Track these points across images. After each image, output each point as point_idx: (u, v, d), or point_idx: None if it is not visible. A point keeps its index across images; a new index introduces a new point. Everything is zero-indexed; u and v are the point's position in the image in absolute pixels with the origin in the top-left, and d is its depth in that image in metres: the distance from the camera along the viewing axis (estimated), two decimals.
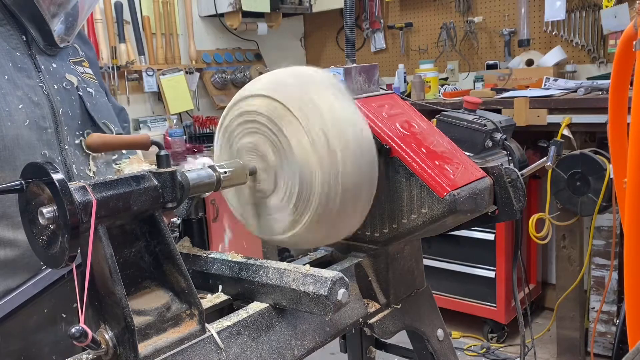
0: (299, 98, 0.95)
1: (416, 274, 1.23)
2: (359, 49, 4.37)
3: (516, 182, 1.13)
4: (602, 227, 2.86)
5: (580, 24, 3.43)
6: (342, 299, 0.89)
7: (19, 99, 1.16)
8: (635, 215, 1.30)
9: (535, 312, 3.64)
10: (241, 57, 4.21)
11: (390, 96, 1.20)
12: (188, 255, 1.09)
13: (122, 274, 0.79)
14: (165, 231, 0.85)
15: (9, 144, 1.13)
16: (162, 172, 0.85)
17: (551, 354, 3.12)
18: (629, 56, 1.37)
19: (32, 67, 1.21)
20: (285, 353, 0.95)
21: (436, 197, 1.02)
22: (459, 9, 3.88)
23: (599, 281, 2.93)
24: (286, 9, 4.10)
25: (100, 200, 0.76)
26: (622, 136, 1.47)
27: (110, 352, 0.80)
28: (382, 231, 1.12)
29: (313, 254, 1.21)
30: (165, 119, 3.74)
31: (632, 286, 1.34)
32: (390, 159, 1.07)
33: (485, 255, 3.24)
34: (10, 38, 1.20)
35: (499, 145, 2.51)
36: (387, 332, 1.14)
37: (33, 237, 0.78)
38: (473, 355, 3.23)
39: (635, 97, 1.29)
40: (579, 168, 2.70)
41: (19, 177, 0.77)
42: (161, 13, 3.72)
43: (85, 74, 1.34)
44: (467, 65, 3.90)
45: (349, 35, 1.21)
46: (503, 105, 2.95)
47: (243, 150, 1.02)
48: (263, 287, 0.96)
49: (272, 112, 0.96)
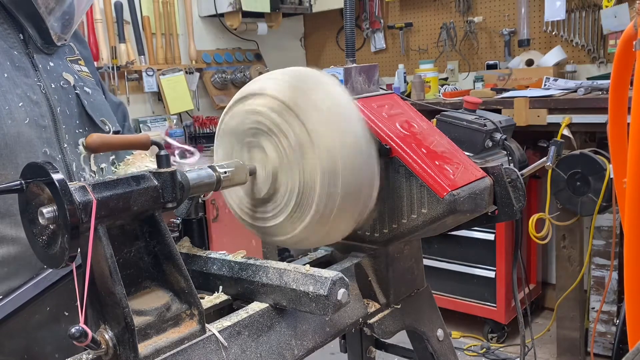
0: (300, 98, 0.95)
1: (416, 274, 1.23)
2: (359, 49, 4.37)
3: (516, 182, 1.13)
4: (602, 227, 2.86)
5: (580, 24, 3.43)
6: (342, 299, 0.89)
7: (18, 97, 1.16)
8: (635, 215, 1.30)
9: (535, 312, 3.64)
10: (241, 57, 4.21)
11: (390, 96, 1.20)
12: (188, 255, 1.09)
13: (122, 274, 0.79)
14: (165, 231, 0.85)
15: (10, 142, 1.13)
16: (162, 172, 0.85)
17: (551, 354, 3.12)
18: (629, 56, 1.37)
19: (30, 66, 1.21)
20: (285, 353, 0.95)
21: (436, 197, 1.02)
22: (459, 9, 3.88)
23: (599, 281, 2.93)
24: (286, 9, 4.10)
25: (100, 200, 0.76)
26: (622, 136, 1.47)
27: (110, 352, 0.80)
28: (382, 231, 1.12)
29: (313, 254, 1.21)
30: (165, 119, 3.74)
31: (632, 286, 1.34)
32: (390, 159, 1.07)
33: (485, 255, 3.24)
34: (8, 37, 1.20)
35: (499, 145, 2.51)
36: (387, 332, 1.14)
37: (33, 237, 0.78)
38: (473, 355, 3.22)
39: (635, 97, 1.29)
40: (579, 168, 2.69)
41: (19, 177, 0.77)
42: (161, 13, 3.72)
43: (82, 72, 1.35)
44: (467, 65, 3.90)
45: (349, 35, 1.21)
46: (503, 105, 2.95)
47: (244, 149, 1.03)
48: (263, 287, 0.96)
49: (273, 112, 0.96)
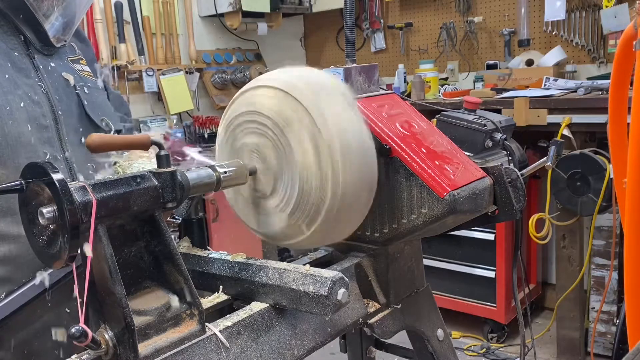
0: (304, 101, 0.95)
1: (416, 274, 1.23)
2: (359, 49, 4.36)
3: (516, 182, 1.13)
4: (602, 227, 2.85)
5: (580, 24, 3.43)
6: (342, 299, 0.89)
7: (19, 97, 1.16)
8: (635, 215, 1.30)
9: (535, 312, 3.63)
10: (241, 57, 4.21)
11: (390, 96, 1.20)
12: (188, 255, 1.09)
13: (122, 274, 0.79)
14: (165, 231, 0.85)
15: (12, 142, 1.13)
16: (162, 172, 0.85)
17: (551, 354, 3.12)
18: (629, 56, 1.37)
19: (31, 67, 1.22)
20: (285, 353, 0.95)
21: (436, 197, 1.02)
22: (459, 9, 3.88)
23: (599, 281, 2.93)
24: (286, 9, 4.10)
25: (100, 200, 0.76)
26: (622, 136, 1.47)
27: (110, 352, 0.80)
28: (382, 231, 1.12)
29: (313, 254, 1.21)
30: (165, 119, 3.74)
31: (632, 286, 1.34)
32: (390, 159, 1.07)
33: (485, 255, 3.24)
34: (8, 39, 1.20)
35: (499, 145, 2.50)
36: (387, 332, 1.14)
37: (33, 237, 0.78)
38: (473, 355, 3.22)
39: (635, 97, 1.29)
40: (579, 168, 2.69)
41: (20, 177, 0.77)
42: (161, 13, 3.72)
43: (83, 72, 1.35)
44: (467, 65, 3.90)
45: (349, 35, 1.21)
46: (503, 105, 2.95)
47: (244, 149, 1.02)
48: (263, 287, 0.96)
49: (276, 113, 0.96)
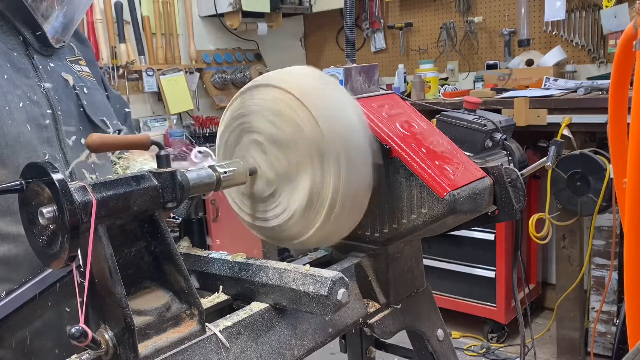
0: (304, 100, 0.95)
1: (416, 274, 1.23)
2: (359, 49, 4.36)
3: (516, 182, 1.13)
4: (602, 227, 2.85)
5: (580, 24, 3.43)
6: (342, 299, 0.89)
7: (18, 97, 1.16)
8: (635, 215, 1.30)
9: (535, 312, 3.63)
10: (241, 57, 4.21)
11: (390, 96, 1.20)
12: (188, 255, 1.09)
13: (122, 274, 0.79)
14: (165, 231, 0.85)
15: (11, 142, 1.13)
16: (162, 172, 0.85)
17: (551, 354, 3.12)
18: (629, 56, 1.37)
19: (30, 67, 1.22)
20: (285, 353, 0.95)
21: (436, 197, 1.02)
22: (459, 9, 3.88)
23: (599, 281, 2.93)
24: (286, 9, 4.10)
25: (100, 200, 0.76)
26: (622, 136, 1.47)
27: (110, 352, 0.80)
28: (382, 231, 1.12)
29: (313, 254, 1.21)
30: (165, 119, 3.74)
31: (632, 286, 1.34)
32: (390, 159, 1.07)
33: (485, 255, 3.24)
34: (7, 39, 1.20)
35: (499, 145, 2.50)
36: (387, 332, 1.14)
37: (33, 237, 0.78)
38: (473, 355, 3.22)
39: (635, 97, 1.29)
40: (579, 168, 2.69)
41: (19, 177, 0.77)
42: (161, 13, 3.72)
43: (82, 72, 1.35)
44: (467, 65, 3.90)
45: (349, 35, 1.21)
46: (503, 105, 2.95)
47: (244, 149, 1.03)
48: (263, 287, 0.96)
49: (276, 112, 0.96)
